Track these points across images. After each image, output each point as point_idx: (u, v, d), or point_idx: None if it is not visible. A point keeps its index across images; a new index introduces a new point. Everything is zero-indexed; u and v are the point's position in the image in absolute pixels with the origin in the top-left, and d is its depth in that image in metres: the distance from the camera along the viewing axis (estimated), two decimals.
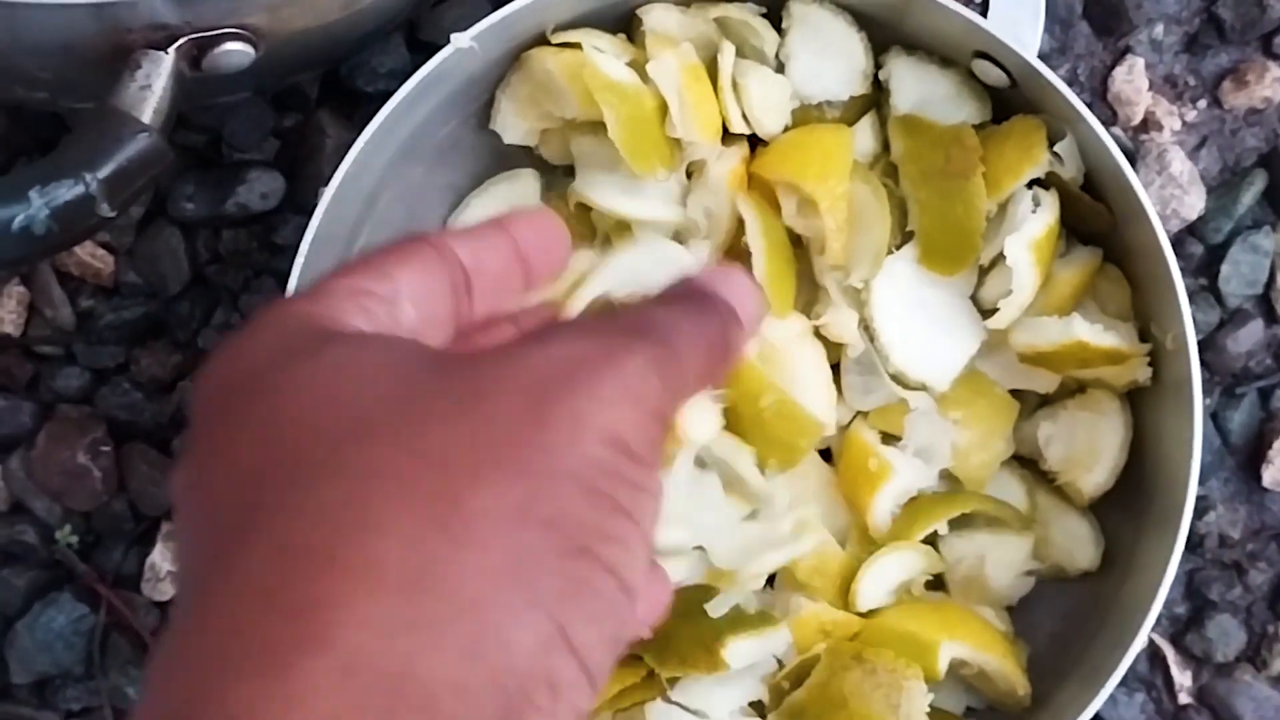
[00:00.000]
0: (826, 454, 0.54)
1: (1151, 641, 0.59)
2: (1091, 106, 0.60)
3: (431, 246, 0.27)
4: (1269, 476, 0.59)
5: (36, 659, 0.57)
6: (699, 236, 0.53)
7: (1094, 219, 0.51)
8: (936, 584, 0.53)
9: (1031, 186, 0.51)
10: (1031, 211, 0.50)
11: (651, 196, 0.53)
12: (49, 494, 0.58)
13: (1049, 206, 0.50)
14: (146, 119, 0.45)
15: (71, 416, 0.58)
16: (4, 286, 0.58)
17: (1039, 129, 0.50)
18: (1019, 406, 0.53)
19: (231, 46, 0.46)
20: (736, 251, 0.52)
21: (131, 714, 0.20)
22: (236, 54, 0.47)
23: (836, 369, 0.53)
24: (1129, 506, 0.52)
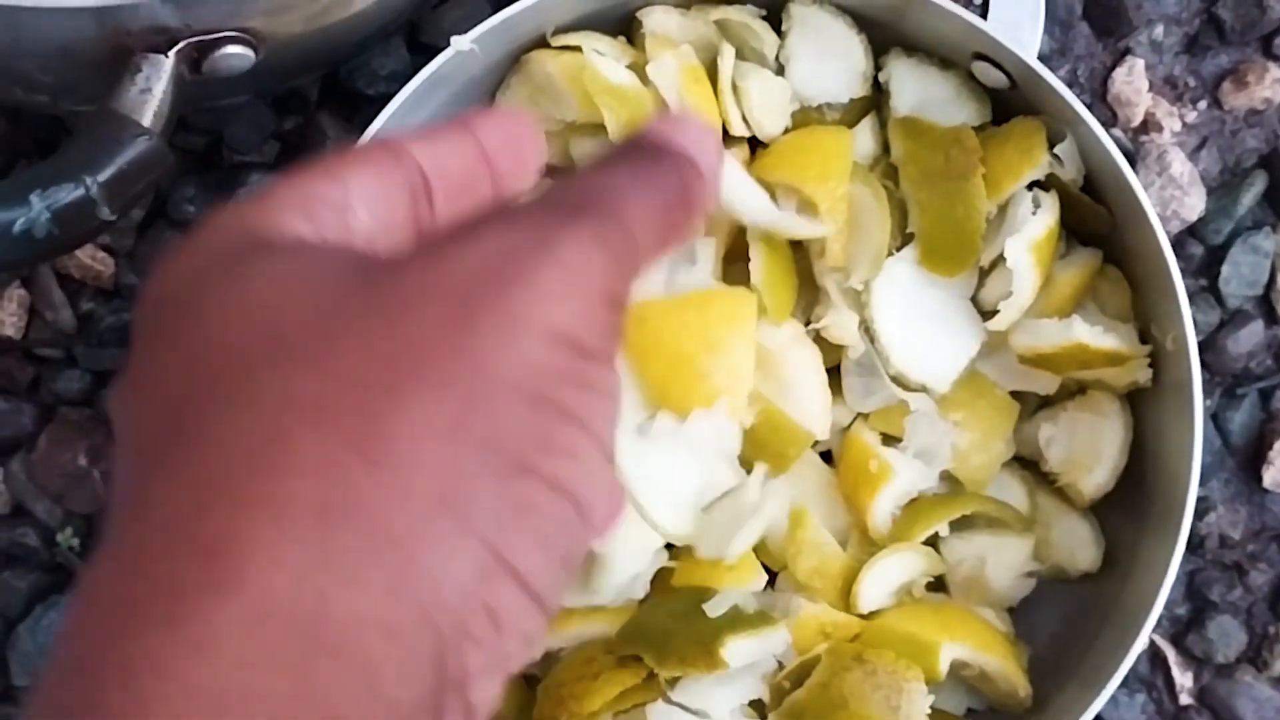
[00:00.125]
0: (828, 455, 0.54)
1: (1152, 642, 0.59)
2: (1091, 108, 0.60)
3: (387, 149, 0.25)
4: (1269, 477, 0.59)
5: (38, 661, 0.57)
6: (700, 236, 0.53)
7: (1094, 220, 0.51)
8: (937, 585, 0.53)
9: (1031, 188, 0.51)
10: (1031, 213, 0.50)
11: None
12: (50, 496, 0.58)
13: (1049, 208, 0.50)
14: (147, 122, 0.45)
15: (72, 419, 0.58)
16: (4, 289, 0.58)
17: (1039, 131, 0.50)
18: (1019, 408, 0.53)
19: (232, 50, 0.46)
20: (736, 253, 0.52)
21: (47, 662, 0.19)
22: (237, 57, 0.47)
23: (837, 371, 0.53)
24: (1130, 507, 0.52)
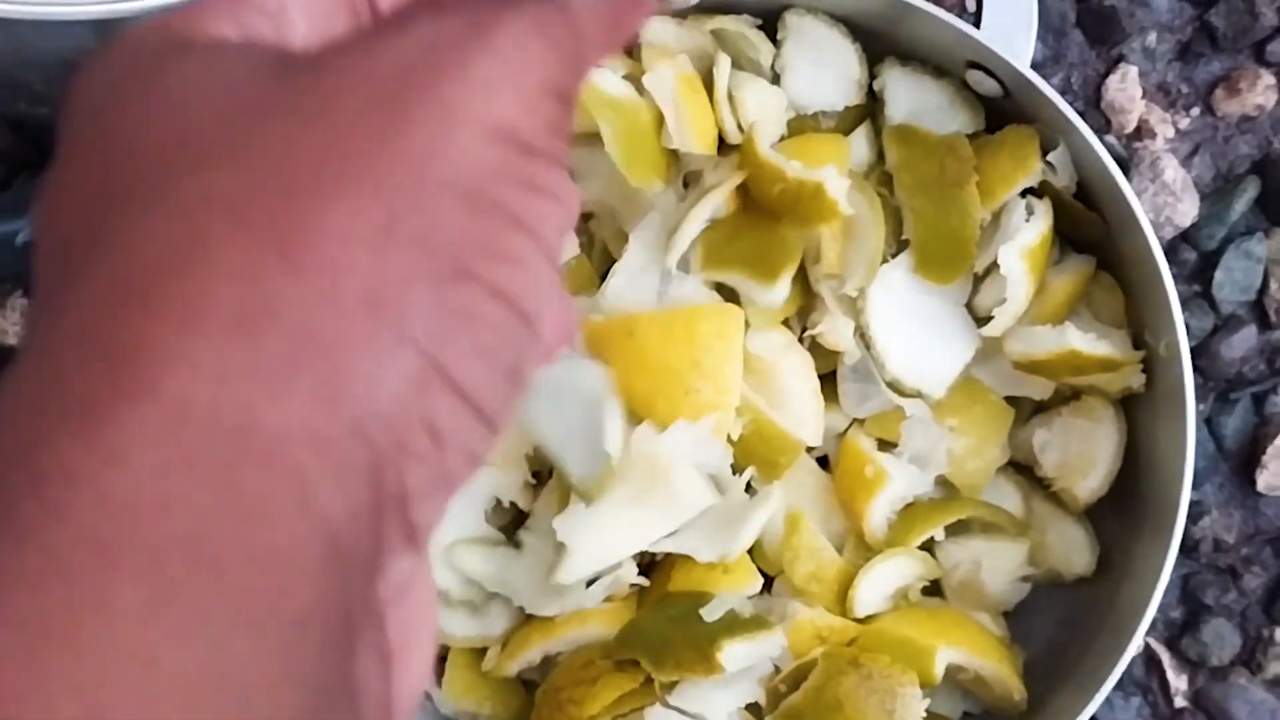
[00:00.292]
0: (824, 461, 0.55)
1: (1147, 646, 0.59)
2: (1085, 115, 0.61)
3: None
4: (1263, 481, 0.59)
5: None
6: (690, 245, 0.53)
7: (1087, 227, 0.52)
8: (933, 590, 0.54)
9: (1025, 195, 0.51)
10: (1025, 220, 0.50)
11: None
12: None
13: (1042, 215, 0.50)
14: None
15: None
16: (8, 299, 0.59)
17: (1032, 138, 0.51)
18: (1014, 413, 0.54)
19: None
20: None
21: None
22: None
23: (833, 376, 0.53)
24: (1124, 512, 0.52)
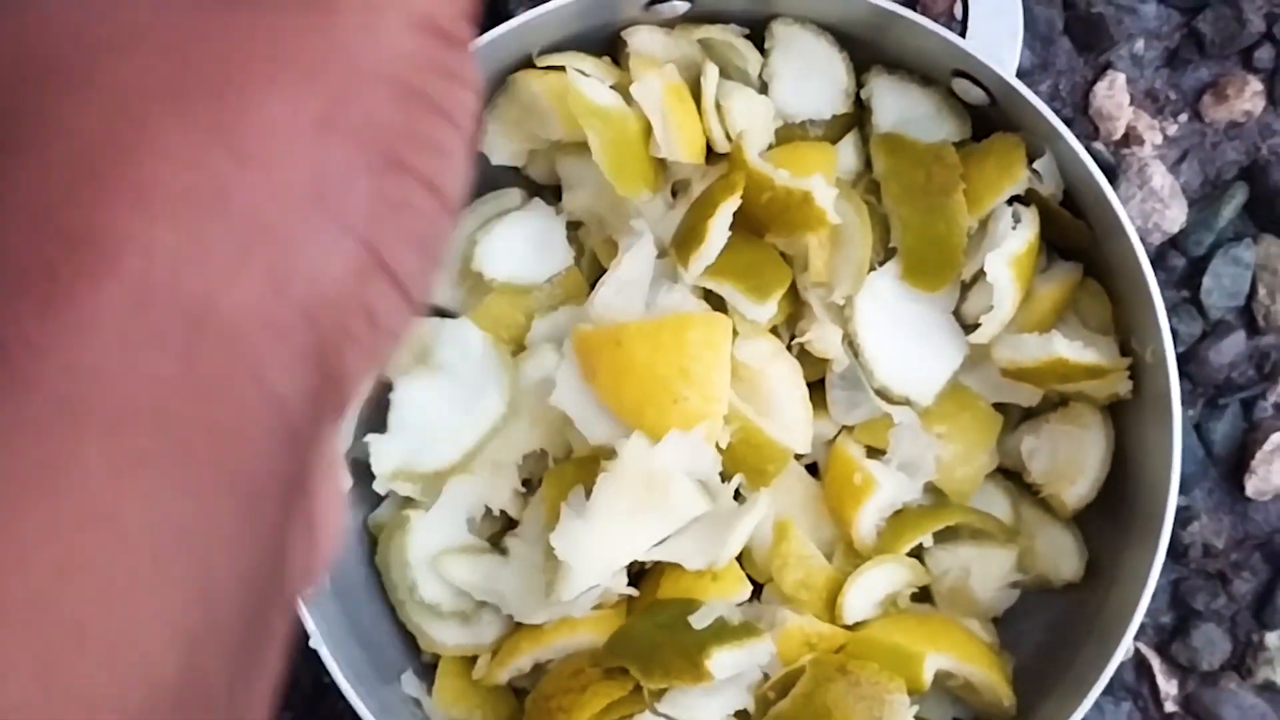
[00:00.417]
0: (813, 468, 0.55)
1: (1137, 651, 0.59)
2: (1073, 121, 0.61)
3: None
4: (1252, 486, 0.59)
5: None
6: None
7: (1074, 235, 0.52)
8: (923, 596, 0.54)
9: (1012, 203, 0.51)
10: (1012, 228, 0.50)
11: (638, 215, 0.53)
12: None
13: (1029, 223, 0.51)
14: None
15: None
16: None
17: (1018, 146, 0.51)
18: (1002, 420, 0.54)
19: None
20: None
21: None
22: None
23: (822, 384, 0.53)
24: (1112, 518, 0.52)
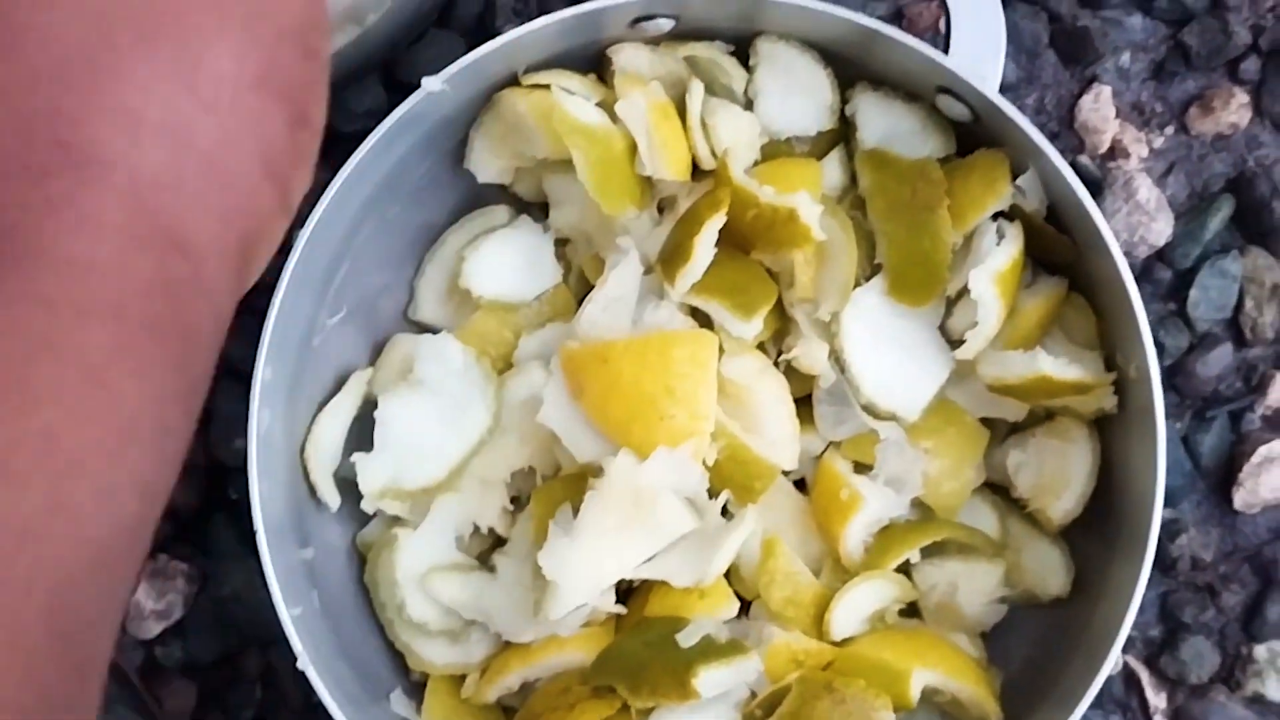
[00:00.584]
0: (802, 484, 0.55)
1: (1126, 664, 0.59)
2: (1059, 135, 0.61)
3: None
4: (1240, 499, 0.59)
5: None
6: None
7: (1059, 250, 0.52)
8: (911, 611, 0.54)
9: (996, 219, 0.51)
10: (996, 244, 0.50)
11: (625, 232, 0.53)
12: None
13: (1013, 239, 0.51)
14: None
15: None
16: None
17: (1002, 162, 0.51)
18: (989, 434, 0.54)
19: None
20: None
21: None
22: None
23: (810, 399, 0.53)
24: (1099, 532, 0.52)
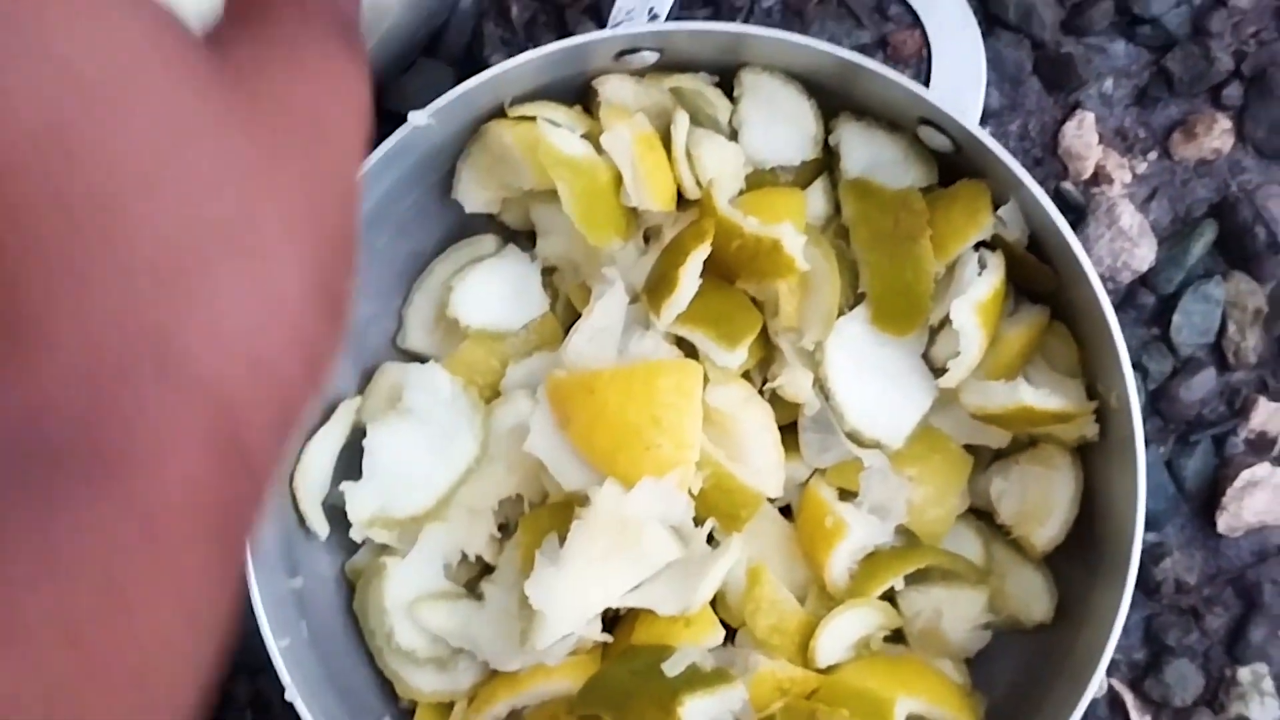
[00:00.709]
0: (787, 510, 0.55)
1: (1111, 687, 0.60)
2: (1042, 161, 0.61)
3: None
4: (1224, 522, 0.60)
5: None
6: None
7: (1040, 279, 0.52)
8: (897, 637, 0.54)
9: (978, 248, 0.52)
10: (978, 274, 0.51)
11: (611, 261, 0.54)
12: None
13: (995, 268, 0.51)
14: None
15: None
16: None
17: (984, 193, 0.51)
18: (973, 461, 0.54)
19: None
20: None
21: None
22: None
23: (794, 427, 0.54)
24: (1081, 558, 0.53)
